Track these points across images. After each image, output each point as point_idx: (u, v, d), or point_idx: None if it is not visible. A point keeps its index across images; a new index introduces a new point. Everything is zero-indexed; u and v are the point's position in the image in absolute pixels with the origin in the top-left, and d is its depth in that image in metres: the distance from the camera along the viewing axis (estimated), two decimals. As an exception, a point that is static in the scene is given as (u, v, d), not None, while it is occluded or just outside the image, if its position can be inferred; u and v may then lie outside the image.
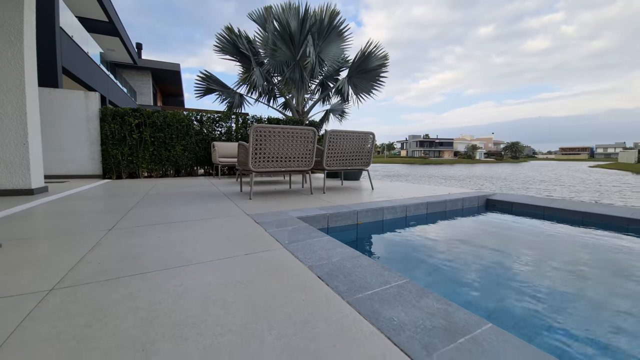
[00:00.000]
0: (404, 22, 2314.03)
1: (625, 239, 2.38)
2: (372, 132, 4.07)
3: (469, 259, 1.99)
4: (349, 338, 0.79)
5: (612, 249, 2.20)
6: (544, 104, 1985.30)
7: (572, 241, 2.45)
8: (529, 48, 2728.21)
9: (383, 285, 1.09)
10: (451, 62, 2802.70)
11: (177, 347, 0.76)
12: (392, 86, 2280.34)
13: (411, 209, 2.99)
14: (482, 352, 0.73)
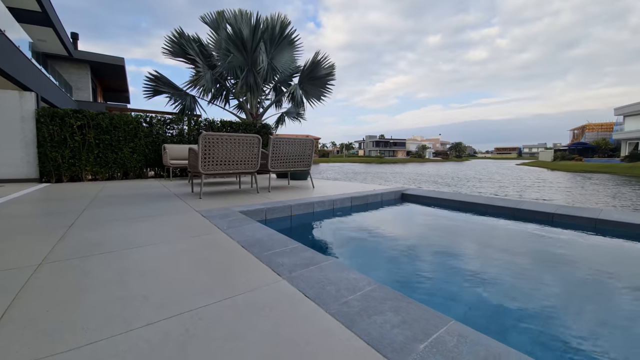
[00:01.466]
0: (361, 27, 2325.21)
1: (497, 223, 3.34)
2: (311, 138, 4.72)
3: (364, 233, 2.73)
4: (252, 272, 1.38)
5: (483, 226, 3.12)
6: (482, 109, 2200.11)
7: (446, 219, 3.36)
8: (471, 57, 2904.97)
9: (282, 247, 1.70)
10: (404, 67, 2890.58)
11: (144, 283, 1.27)
12: (350, 87, 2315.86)
13: (337, 202, 3.70)
14: (319, 270, 1.37)
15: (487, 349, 0.83)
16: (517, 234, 2.86)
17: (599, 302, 1.56)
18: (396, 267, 2.00)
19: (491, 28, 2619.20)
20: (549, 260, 2.17)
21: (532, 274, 1.93)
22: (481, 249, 2.44)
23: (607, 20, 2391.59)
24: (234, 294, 1.19)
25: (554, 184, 18.48)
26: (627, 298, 1.59)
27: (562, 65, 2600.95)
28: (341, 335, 0.90)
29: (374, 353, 0.82)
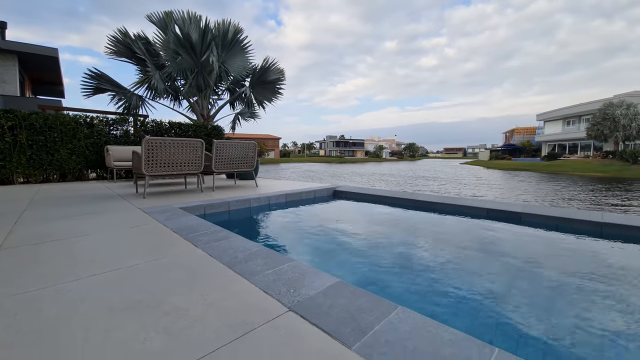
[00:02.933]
0: (322, 28, 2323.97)
1: (413, 216, 4.17)
2: (254, 141, 5.24)
3: (279, 219, 3.36)
4: (177, 246, 1.90)
5: (401, 219, 3.91)
6: (434, 112, 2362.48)
7: (371, 212, 4.14)
8: (423, 64, 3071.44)
9: (205, 230, 2.23)
10: (363, 70, 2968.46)
11: (91, 256, 1.72)
12: (313, 88, 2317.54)
13: (273, 199, 4.27)
14: (227, 242, 1.93)
15: (303, 271, 1.47)
16: (412, 219, 3.72)
17: (476, 269, 2.36)
18: (286, 238, 2.66)
19: (440, 38, 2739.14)
20: (432, 239, 3.00)
21: (412, 247, 2.71)
22: (368, 226, 3.21)
23: (538, 35, 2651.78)
24: (161, 256, 1.70)
25: (488, 181, 21.20)
26: (504, 270, 2.41)
27: (499, 75, 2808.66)
28: (226, 271, 1.49)
29: (239, 278, 1.42)
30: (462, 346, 0.90)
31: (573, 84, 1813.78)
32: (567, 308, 1.59)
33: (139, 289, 1.32)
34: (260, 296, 1.24)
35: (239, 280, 1.40)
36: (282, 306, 1.16)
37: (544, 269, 2.15)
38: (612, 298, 1.69)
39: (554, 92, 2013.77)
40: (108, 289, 1.32)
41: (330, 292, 1.26)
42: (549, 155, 40.18)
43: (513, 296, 1.73)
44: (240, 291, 1.29)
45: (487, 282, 1.91)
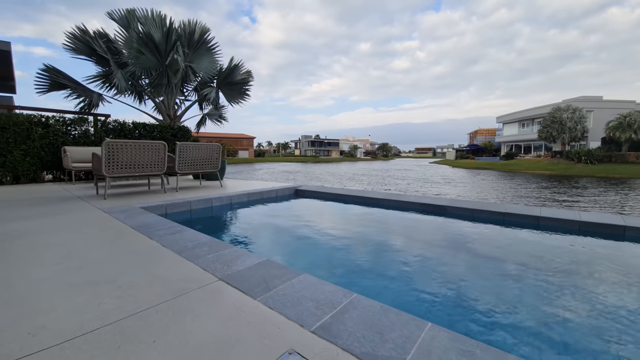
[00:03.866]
0: (298, 27, 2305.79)
1: (356, 209, 4.61)
2: (219, 143, 5.46)
3: (233, 216, 3.67)
4: (134, 238, 2.15)
5: (354, 214, 4.33)
6: (406, 113, 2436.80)
7: (320, 206, 4.54)
8: (396, 66, 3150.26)
9: (162, 226, 2.49)
10: (339, 70, 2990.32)
11: (55, 256, 1.94)
12: (288, 87, 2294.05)
13: (235, 198, 4.55)
14: (180, 235, 2.22)
15: (240, 254, 1.82)
16: (353, 211, 4.18)
17: (420, 257, 2.79)
18: (236, 231, 3.00)
19: (412, 41, 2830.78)
20: (381, 231, 3.44)
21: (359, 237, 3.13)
22: (319, 220, 3.62)
23: (499, 43, 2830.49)
24: (118, 248, 1.96)
25: (453, 179, 22.65)
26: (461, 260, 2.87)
27: (466, 79, 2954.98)
28: (174, 256, 1.80)
29: (184, 260, 1.73)
30: (332, 292, 1.30)
31: (530, 89, 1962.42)
32: (474, 281, 2.08)
33: (97, 272, 1.60)
34: (199, 272, 1.57)
35: (184, 262, 1.71)
36: (214, 277, 1.50)
37: (457, 250, 2.67)
38: (521, 277, 2.21)
39: (514, 97, 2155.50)
40: (69, 274, 1.58)
41: (255, 267, 1.62)
42: (507, 155, 43.52)
43: (420, 271, 2.19)
44: (183, 269, 1.61)
45: (393, 257, 2.37)
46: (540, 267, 2.21)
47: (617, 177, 24.57)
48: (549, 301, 1.71)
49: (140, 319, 1.13)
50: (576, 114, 33.35)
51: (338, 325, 1.08)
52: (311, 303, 1.23)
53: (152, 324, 1.10)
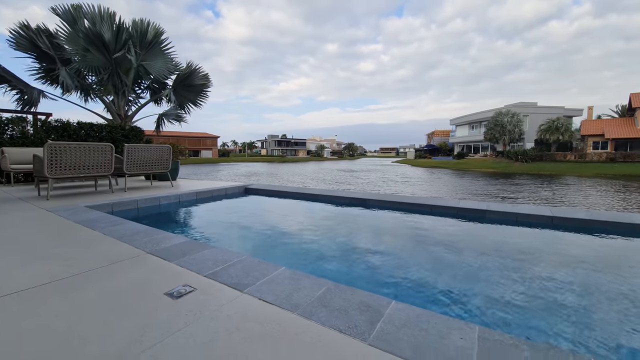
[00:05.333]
0: (264, 24, 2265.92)
1: (292, 203, 5.17)
2: (169, 145, 5.72)
3: (177, 212, 4.08)
4: (79, 231, 2.51)
5: (284, 207, 4.87)
6: (372, 113, 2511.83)
7: (262, 202, 5.06)
8: (362, 68, 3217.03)
9: (106, 221, 2.86)
10: (306, 70, 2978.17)
11: (4, 246, 2.25)
12: (255, 85, 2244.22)
13: (183, 197, 4.89)
14: (122, 226, 2.62)
15: (170, 237, 2.29)
16: (287, 205, 4.78)
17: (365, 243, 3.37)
18: (176, 223, 3.44)
19: (377, 45, 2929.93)
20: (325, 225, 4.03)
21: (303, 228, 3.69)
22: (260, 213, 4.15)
23: (455, 50, 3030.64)
24: (63, 238, 2.32)
25: (409, 178, 24.35)
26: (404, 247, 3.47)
27: (426, 82, 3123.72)
28: (114, 241, 2.22)
29: (122, 243, 2.17)
30: (228, 254, 1.85)
31: (482, 94, 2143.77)
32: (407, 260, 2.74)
33: (46, 253, 1.98)
34: (132, 249, 2.03)
35: (121, 244, 2.15)
36: (144, 252, 1.97)
37: (382, 235, 3.36)
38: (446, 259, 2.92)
39: (468, 100, 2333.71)
40: (21, 256, 1.94)
41: (180, 244, 2.12)
42: (458, 155, 47.44)
43: (344, 255, 2.82)
44: (120, 249, 2.06)
45: (323, 242, 2.99)
46: (463, 249, 2.96)
47: (547, 174, 28.17)
48: (466, 270, 2.43)
49: (83, 277, 1.59)
50: (514, 118, 37.43)
51: (223, 272, 1.64)
52: (211, 262, 1.77)
53: (91, 279, 1.57)
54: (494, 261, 2.44)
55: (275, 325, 1.16)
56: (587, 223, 3.23)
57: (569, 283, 2.01)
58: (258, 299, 1.36)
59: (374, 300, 1.32)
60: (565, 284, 1.98)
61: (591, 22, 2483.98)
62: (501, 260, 2.46)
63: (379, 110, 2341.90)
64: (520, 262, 2.43)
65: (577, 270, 2.27)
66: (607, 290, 1.91)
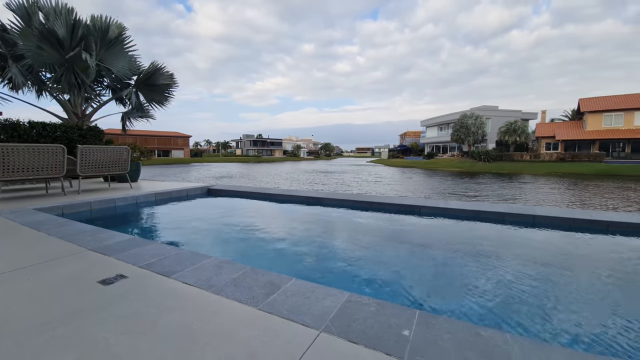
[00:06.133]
0: (239, 21, 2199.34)
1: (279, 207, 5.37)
2: (128, 147, 5.70)
3: (128, 213, 4.18)
4: (25, 232, 2.59)
5: (242, 207, 5.06)
6: (349, 114, 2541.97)
7: (232, 204, 5.23)
8: (338, 69, 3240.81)
9: (53, 222, 2.93)
10: (283, 69, 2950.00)
11: None
12: (230, 83, 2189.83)
13: (141, 198, 4.94)
14: (68, 227, 2.73)
15: (114, 235, 2.45)
16: (245, 206, 5.00)
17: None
18: (126, 222, 3.56)
19: (353, 46, 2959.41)
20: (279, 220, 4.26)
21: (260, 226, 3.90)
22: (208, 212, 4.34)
23: (427, 54, 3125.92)
24: (6, 239, 2.40)
25: (383, 177, 25.19)
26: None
27: (400, 85, 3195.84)
28: (58, 241, 2.34)
29: (66, 242, 2.30)
30: (166, 249, 2.07)
31: (452, 97, 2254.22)
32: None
33: (-16, 253, 2.08)
34: (74, 247, 2.18)
35: (65, 243, 2.29)
36: (86, 249, 2.14)
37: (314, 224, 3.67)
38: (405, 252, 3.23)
39: (439, 103, 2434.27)
40: (-43, 255, 2.03)
41: (123, 242, 2.29)
42: (428, 155, 49.68)
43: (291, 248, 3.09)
44: (62, 247, 2.20)
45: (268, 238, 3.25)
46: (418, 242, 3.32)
47: (506, 173, 30.34)
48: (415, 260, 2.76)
49: (23, 271, 1.74)
50: (478, 120, 39.89)
51: (158, 263, 1.86)
52: (148, 256, 1.99)
53: (31, 273, 1.73)
54: (399, 247, 2.86)
55: (188, 301, 1.42)
56: (501, 216, 3.78)
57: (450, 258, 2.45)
58: (181, 282, 1.61)
59: (279, 279, 1.62)
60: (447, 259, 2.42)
61: (549, 31, 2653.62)
62: (400, 247, 2.88)
63: (355, 111, 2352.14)
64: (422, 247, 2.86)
65: (471, 248, 2.73)
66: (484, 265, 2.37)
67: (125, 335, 1.16)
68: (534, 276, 2.20)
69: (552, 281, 2.14)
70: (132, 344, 1.11)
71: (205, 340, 1.12)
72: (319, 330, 1.17)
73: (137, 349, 1.08)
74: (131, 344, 1.10)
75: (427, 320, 1.24)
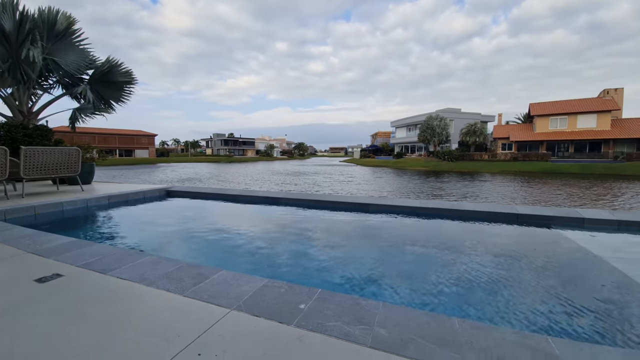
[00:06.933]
0: (209, 16, 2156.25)
1: (236, 207, 5.44)
2: (78, 148, 5.51)
3: (80, 216, 4.15)
4: (-48, 238, 2.54)
5: (226, 208, 5.11)
6: (323, 114, 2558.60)
7: (189, 206, 5.26)
8: (312, 69, 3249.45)
9: (-10, 226, 2.87)
10: (256, 67, 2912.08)
11: None
12: (200, 80, 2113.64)
13: (93, 201, 4.84)
14: (9, 231, 2.70)
15: (55, 238, 2.50)
16: (201, 206, 5.10)
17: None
18: (72, 226, 3.57)
19: (326, 47, 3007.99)
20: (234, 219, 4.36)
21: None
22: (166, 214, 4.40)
23: (397, 57, 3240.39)
24: None
25: (354, 177, 25.81)
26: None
27: (372, 86, 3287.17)
28: (-7, 245, 2.35)
29: (7, 246, 2.32)
30: (104, 249, 2.18)
31: (421, 99, 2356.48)
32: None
33: None
34: (15, 250, 2.22)
35: (4, 247, 2.31)
36: (25, 252, 2.19)
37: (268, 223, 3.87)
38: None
39: (409, 104, 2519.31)
40: None
41: (64, 244, 2.36)
42: (397, 155, 51.65)
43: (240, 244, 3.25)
44: (1, 251, 2.22)
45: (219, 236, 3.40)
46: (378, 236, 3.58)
47: (467, 172, 32.44)
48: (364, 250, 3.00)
49: (-51, 275, 1.78)
50: (442, 122, 42.19)
51: (96, 262, 1.98)
52: (88, 256, 2.09)
53: (-41, 276, 1.78)
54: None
55: (120, 293, 1.59)
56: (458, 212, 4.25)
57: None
58: (116, 277, 1.76)
59: (209, 271, 1.82)
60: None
61: (507, 40, 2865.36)
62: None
63: (329, 111, 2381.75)
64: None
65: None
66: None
67: (56, 322, 1.31)
68: (431, 256, 2.61)
69: (431, 258, 2.56)
70: (62, 329, 1.27)
71: (129, 324, 1.31)
72: (230, 309, 1.40)
73: (65, 333, 1.24)
74: (60, 329, 1.26)
75: (324, 296, 1.52)
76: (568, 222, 3.65)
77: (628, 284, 2.12)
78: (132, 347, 1.15)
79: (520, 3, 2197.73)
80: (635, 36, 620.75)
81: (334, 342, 1.16)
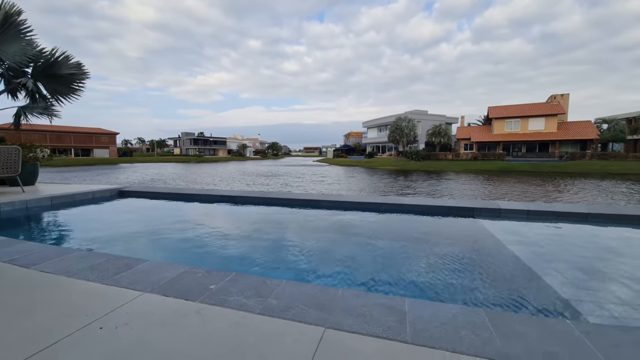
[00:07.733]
0: (177, 9, 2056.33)
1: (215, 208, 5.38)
2: (18, 147, 5.22)
3: (20, 217, 4.00)
4: None
5: (195, 208, 5.04)
6: (297, 113, 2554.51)
7: (138, 206, 5.17)
8: (286, 68, 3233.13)
9: None
10: (227, 65, 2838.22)
11: None
12: (167, 76, 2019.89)
13: (32, 202, 4.63)
14: None
15: (-15, 238, 2.46)
16: (152, 205, 5.08)
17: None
18: (12, 226, 3.47)
19: (300, 47, 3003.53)
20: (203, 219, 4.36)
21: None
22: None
23: (370, 59, 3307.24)
24: None
25: (326, 176, 26.12)
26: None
27: (346, 87, 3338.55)
28: None
29: None
30: (59, 250, 2.21)
31: (392, 101, 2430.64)
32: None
33: None
34: None
35: None
36: (-58, 252, 2.15)
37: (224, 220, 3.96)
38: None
39: (381, 105, 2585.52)
40: None
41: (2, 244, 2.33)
42: (369, 154, 53.07)
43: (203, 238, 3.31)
44: None
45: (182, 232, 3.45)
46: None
47: (432, 170, 34.15)
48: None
49: None
50: (410, 123, 44.01)
51: (22, 259, 2.02)
52: (15, 253, 2.12)
53: None
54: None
55: (38, 283, 1.67)
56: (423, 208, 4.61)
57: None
58: (39, 271, 1.82)
59: (135, 262, 1.95)
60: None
61: (470, 47, 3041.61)
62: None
63: (304, 111, 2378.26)
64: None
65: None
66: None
67: (-35, 312, 1.38)
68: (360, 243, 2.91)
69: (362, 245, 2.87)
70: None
71: (41, 308, 1.41)
72: (144, 292, 1.55)
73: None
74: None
75: (237, 278, 1.71)
76: (488, 213, 4.16)
77: (510, 258, 2.54)
78: (40, 324, 1.26)
79: (483, 12, 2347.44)
80: (585, 45, 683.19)
81: (227, 312, 1.36)
